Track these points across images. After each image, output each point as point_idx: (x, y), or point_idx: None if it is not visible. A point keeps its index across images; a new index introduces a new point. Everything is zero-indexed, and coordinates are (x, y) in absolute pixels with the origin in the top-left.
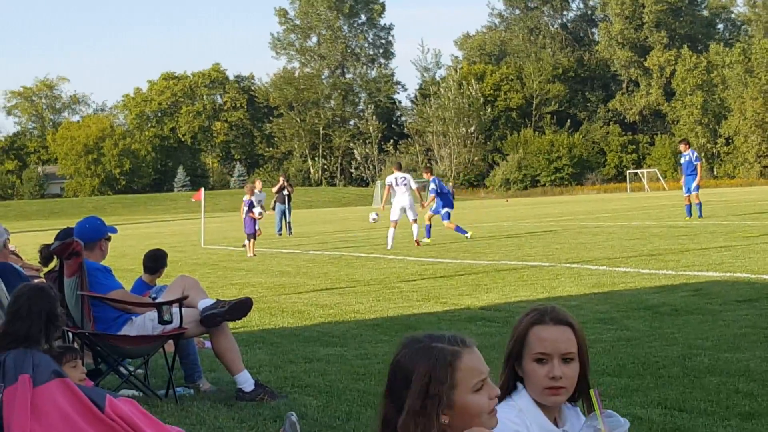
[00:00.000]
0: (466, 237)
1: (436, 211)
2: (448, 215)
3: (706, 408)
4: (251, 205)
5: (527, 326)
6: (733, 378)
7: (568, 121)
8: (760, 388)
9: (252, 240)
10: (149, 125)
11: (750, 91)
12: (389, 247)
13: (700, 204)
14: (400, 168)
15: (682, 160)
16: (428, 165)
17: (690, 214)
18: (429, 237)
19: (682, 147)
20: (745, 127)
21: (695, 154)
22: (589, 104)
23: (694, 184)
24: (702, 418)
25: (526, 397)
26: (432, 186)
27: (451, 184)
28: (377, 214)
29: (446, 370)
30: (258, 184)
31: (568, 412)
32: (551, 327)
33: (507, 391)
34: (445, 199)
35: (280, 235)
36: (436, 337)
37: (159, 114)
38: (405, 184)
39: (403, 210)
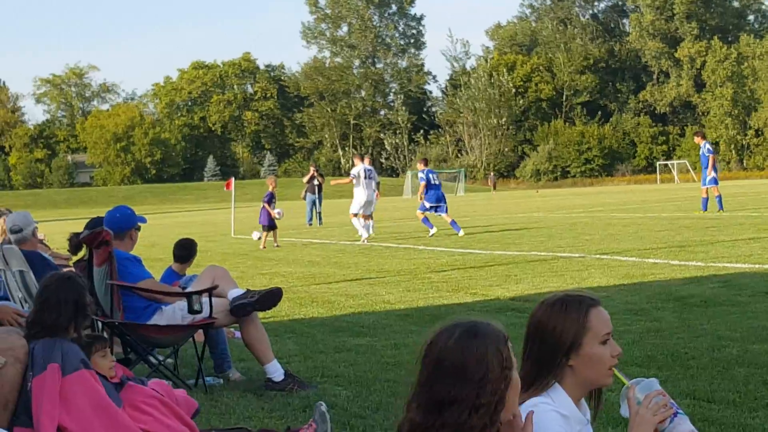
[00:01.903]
0: (429, 233)
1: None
2: (433, 209)
3: (734, 399)
4: (271, 198)
5: (586, 312)
6: (762, 369)
7: (599, 112)
8: None
9: (271, 231)
10: (179, 114)
11: None
12: (365, 237)
13: (719, 197)
14: (363, 159)
15: (700, 152)
16: (424, 157)
17: (705, 207)
18: (459, 231)
19: (696, 139)
20: None
21: (707, 146)
22: (619, 95)
23: (709, 177)
24: (730, 409)
25: (558, 388)
26: (420, 176)
27: (492, 174)
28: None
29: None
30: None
31: (583, 402)
32: (602, 308)
33: (543, 386)
34: (432, 191)
35: (311, 225)
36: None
37: (189, 103)
38: (372, 178)
39: (368, 204)
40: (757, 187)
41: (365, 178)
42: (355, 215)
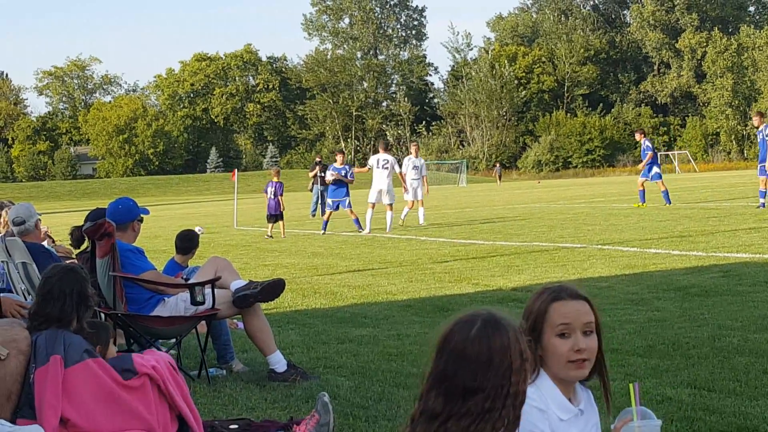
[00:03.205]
0: (359, 231)
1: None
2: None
3: (735, 388)
4: (279, 188)
5: (546, 304)
6: (762, 358)
7: (600, 103)
8: None
9: (278, 222)
10: (182, 106)
11: None
12: (367, 231)
13: (665, 192)
14: (385, 149)
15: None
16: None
17: (643, 200)
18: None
19: (637, 136)
20: None
21: (646, 143)
22: (620, 86)
23: (653, 173)
24: (731, 398)
25: (545, 376)
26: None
27: (497, 166)
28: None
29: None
30: (414, 149)
31: (581, 392)
32: (570, 302)
33: (532, 372)
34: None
35: (314, 216)
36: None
37: (192, 95)
38: (386, 168)
39: (381, 193)
40: (757, 177)
41: (379, 167)
42: (372, 205)
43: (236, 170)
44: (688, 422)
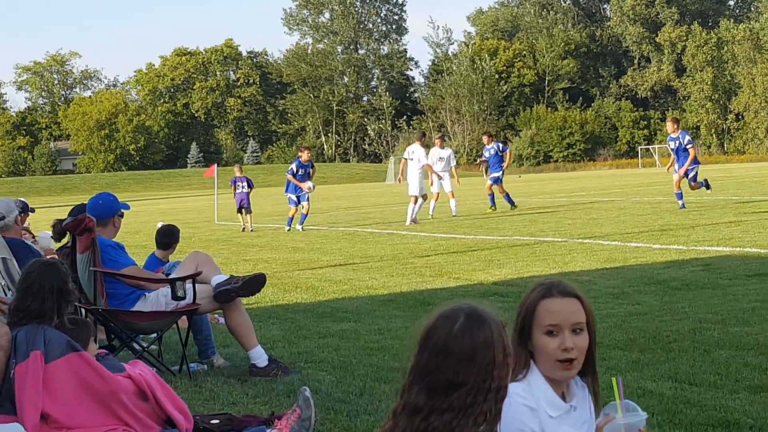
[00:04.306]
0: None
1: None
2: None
3: (715, 381)
4: (246, 181)
5: (535, 301)
6: (743, 351)
7: (580, 97)
8: None
9: (247, 214)
10: (162, 101)
11: (759, 68)
12: (408, 223)
13: (507, 195)
14: (421, 138)
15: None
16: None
17: (492, 204)
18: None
19: (485, 138)
20: (755, 103)
21: (500, 145)
22: (601, 80)
23: (495, 176)
24: (712, 391)
25: (536, 372)
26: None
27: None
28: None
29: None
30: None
31: (575, 388)
32: (559, 299)
33: (521, 367)
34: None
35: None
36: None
37: (172, 90)
38: (412, 158)
39: (410, 185)
40: (737, 170)
41: (410, 159)
42: (415, 198)
43: (215, 165)
44: (669, 415)
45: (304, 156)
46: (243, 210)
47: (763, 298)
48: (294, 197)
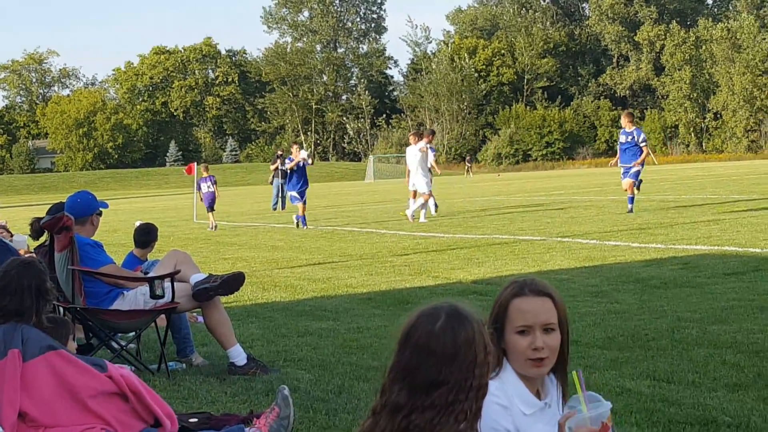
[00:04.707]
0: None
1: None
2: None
3: (694, 379)
4: (212, 180)
5: (507, 299)
6: (721, 350)
7: (559, 95)
8: (747, 360)
9: (210, 212)
10: (141, 99)
11: (737, 67)
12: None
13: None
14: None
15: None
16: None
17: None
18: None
19: (413, 139)
20: (734, 102)
21: (428, 145)
22: (579, 79)
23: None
24: (690, 389)
25: (509, 370)
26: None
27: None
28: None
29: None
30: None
31: (550, 384)
32: (531, 298)
33: (494, 365)
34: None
35: (275, 210)
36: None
37: (151, 88)
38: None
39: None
40: (715, 169)
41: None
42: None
43: (195, 164)
44: (647, 414)
45: (294, 152)
46: (212, 209)
47: (741, 297)
48: (296, 194)
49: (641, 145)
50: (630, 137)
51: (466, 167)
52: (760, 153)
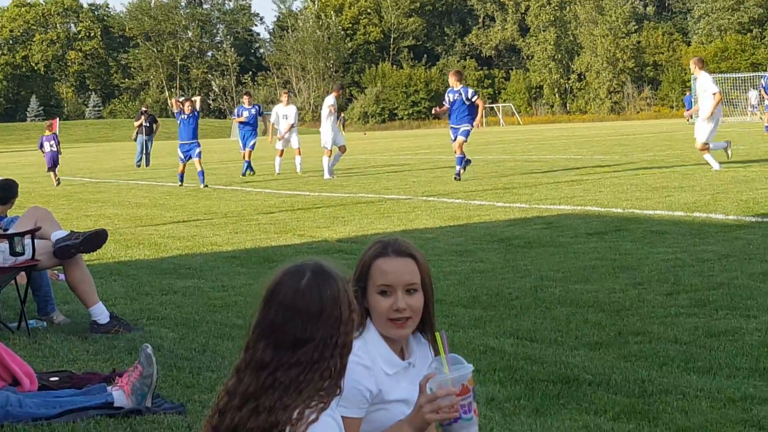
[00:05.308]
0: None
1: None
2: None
3: (556, 338)
4: (55, 140)
5: (370, 259)
6: (583, 309)
7: (425, 55)
8: (608, 319)
9: (52, 172)
10: (0, 53)
11: (601, 28)
12: (325, 177)
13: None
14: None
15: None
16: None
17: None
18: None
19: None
20: (597, 64)
21: (258, 107)
22: (446, 38)
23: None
24: (552, 347)
25: (372, 330)
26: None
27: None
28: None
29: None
30: (284, 98)
31: (415, 345)
32: (394, 259)
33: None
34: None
35: (139, 166)
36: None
37: (11, 42)
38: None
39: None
40: (579, 130)
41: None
42: (329, 151)
43: (57, 119)
44: (510, 372)
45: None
46: (55, 168)
47: (603, 257)
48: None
49: (473, 99)
50: (458, 95)
51: (340, 124)
52: (623, 114)
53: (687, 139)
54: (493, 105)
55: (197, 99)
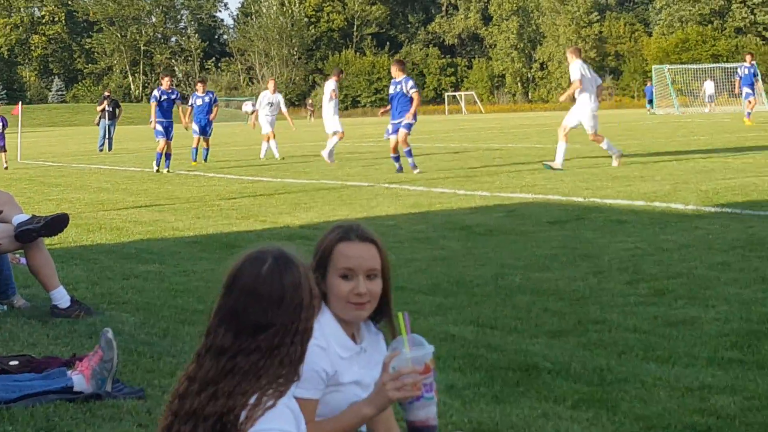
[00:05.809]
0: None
1: None
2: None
3: (516, 326)
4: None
5: (333, 243)
6: (543, 297)
7: (389, 42)
8: (568, 307)
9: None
10: None
11: (563, 18)
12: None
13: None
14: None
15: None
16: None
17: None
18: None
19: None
20: (559, 53)
21: (214, 95)
22: (409, 26)
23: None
24: (512, 335)
25: (327, 313)
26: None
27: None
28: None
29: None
30: (271, 85)
31: (366, 331)
32: (357, 244)
33: None
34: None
35: (101, 151)
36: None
37: None
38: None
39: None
40: (541, 119)
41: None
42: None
43: (20, 103)
44: (470, 359)
45: (165, 83)
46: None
47: (564, 245)
48: (162, 129)
49: (411, 92)
50: (399, 87)
51: (309, 111)
52: None
53: (648, 129)
54: (456, 93)
55: (166, 80)
